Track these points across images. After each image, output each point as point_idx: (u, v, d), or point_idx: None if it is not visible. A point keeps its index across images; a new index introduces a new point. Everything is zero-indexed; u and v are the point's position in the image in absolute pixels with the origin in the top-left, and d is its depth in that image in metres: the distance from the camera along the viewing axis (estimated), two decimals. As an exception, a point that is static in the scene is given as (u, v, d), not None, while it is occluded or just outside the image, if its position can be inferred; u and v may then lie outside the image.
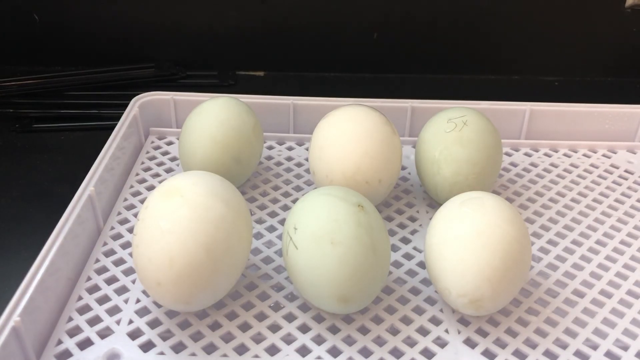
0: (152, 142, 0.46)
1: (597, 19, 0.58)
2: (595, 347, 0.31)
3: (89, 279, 0.34)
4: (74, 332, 0.31)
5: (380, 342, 0.31)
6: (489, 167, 0.38)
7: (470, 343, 0.31)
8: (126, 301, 0.32)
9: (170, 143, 0.46)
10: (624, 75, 0.61)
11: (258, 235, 0.37)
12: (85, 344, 0.30)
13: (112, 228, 0.37)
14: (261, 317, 0.32)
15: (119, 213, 0.39)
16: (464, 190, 0.35)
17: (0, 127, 0.50)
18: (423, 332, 0.32)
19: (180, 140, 0.40)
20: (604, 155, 0.46)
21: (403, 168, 0.44)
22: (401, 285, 0.34)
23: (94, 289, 0.33)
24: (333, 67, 0.60)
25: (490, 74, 0.61)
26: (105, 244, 0.36)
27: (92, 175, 0.37)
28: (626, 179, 0.44)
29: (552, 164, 0.45)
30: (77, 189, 0.36)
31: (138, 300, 0.33)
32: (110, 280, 0.34)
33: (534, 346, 0.31)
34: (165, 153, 0.45)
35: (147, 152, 0.45)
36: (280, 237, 0.37)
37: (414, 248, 0.37)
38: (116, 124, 0.43)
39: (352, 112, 0.38)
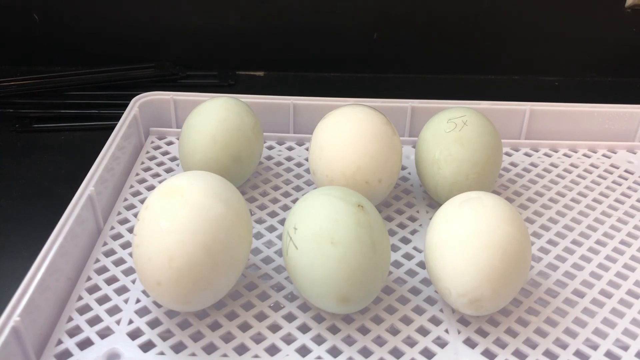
0: (152, 142, 0.46)
1: (597, 19, 0.58)
2: (595, 347, 0.31)
3: (89, 279, 0.34)
4: (74, 332, 0.31)
5: (380, 342, 0.31)
6: (489, 167, 0.38)
7: (470, 343, 0.31)
8: (126, 301, 0.32)
9: (170, 143, 0.46)
10: (624, 75, 0.61)
11: (258, 235, 0.37)
12: (85, 344, 0.30)
13: (112, 228, 0.37)
14: (261, 317, 0.32)
15: (119, 213, 0.39)
16: (464, 190, 0.35)
17: (0, 127, 0.50)
18: (423, 332, 0.32)
19: (180, 140, 0.40)
20: (604, 155, 0.46)
21: (403, 168, 0.44)
22: (401, 285, 0.34)
23: (94, 289, 0.33)
24: (333, 67, 0.60)
25: (490, 74, 0.61)
26: (105, 244, 0.36)
27: (92, 175, 0.37)
28: (626, 179, 0.44)
29: (552, 164, 0.45)
30: (77, 189, 0.36)
31: (138, 300, 0.33)
32: (110, 280, 0.34)
33: (534, 346, 0.31)
34: (165, 153, 0.45)
35: (147, 152, 0.45)
36: (280, 237, 0.37)
37: (414, 248, 0.37)
38: (116, 124, 0.43)
39: (352, 112, 0.38)
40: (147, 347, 0.30)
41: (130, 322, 0.31)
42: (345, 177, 0.36)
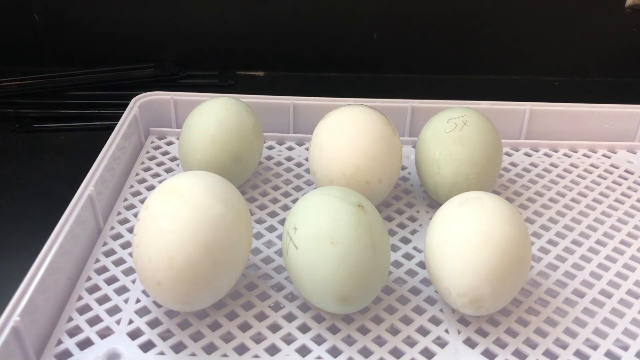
0: (152, 142, 0.46)
1: (597, 19, 0.58)
2: (595, 347, 0.31)
3: (89, 279, 0.34)
4: (74, 332, 0.31)
5: (380, 342, 0.31)
6: (489, 167, 0.38)
7: (470, 343, 0.31)
8: (126, 301, 0.32)
9: (170, 143, 0.46)
10: (624, 75, 0.61)
11: (258, 235, 0.37)
12: (85, 344, 0.30)
13: (112, 228, 0.37)
14: (261, 317, 0.32)
15: (119, 213, 0.39)
16: (464, 190, 0.35)
17: (0, 127, 0.50)
18: (423, 332, 0.32)
19: (180, 140, 0.40)
20: (604, 155, 0.46)
21: (403, 168, 0.44)
22: (401, 285, 0.34)
23: (94, 289, 0.33)
24: (333, 67, 0.60)
25: (490, 74, 0.61)
26: (105, 244, 0.36)
27: (92, 175, 0.37)
28: (626, 179, 0.44)
29: (552, 164, 0.45)
30: (77, 189, 0.36)
31: (138, 300, 0.33)
32: (110, 280, 0.34)
33: (534, 346, 0.31)
34: (165, 153, 0.45)
35: (147, 152, 0.45)
36: (280, 237, 0.37)
37: (414, 248, 0.37)
38: (116, 124, 0.43)
39: (352, 112, 0.38)
40: (147, 347, 0.30)
41: (130, 322, 0.31)
42: (345, 177, 0.36)
